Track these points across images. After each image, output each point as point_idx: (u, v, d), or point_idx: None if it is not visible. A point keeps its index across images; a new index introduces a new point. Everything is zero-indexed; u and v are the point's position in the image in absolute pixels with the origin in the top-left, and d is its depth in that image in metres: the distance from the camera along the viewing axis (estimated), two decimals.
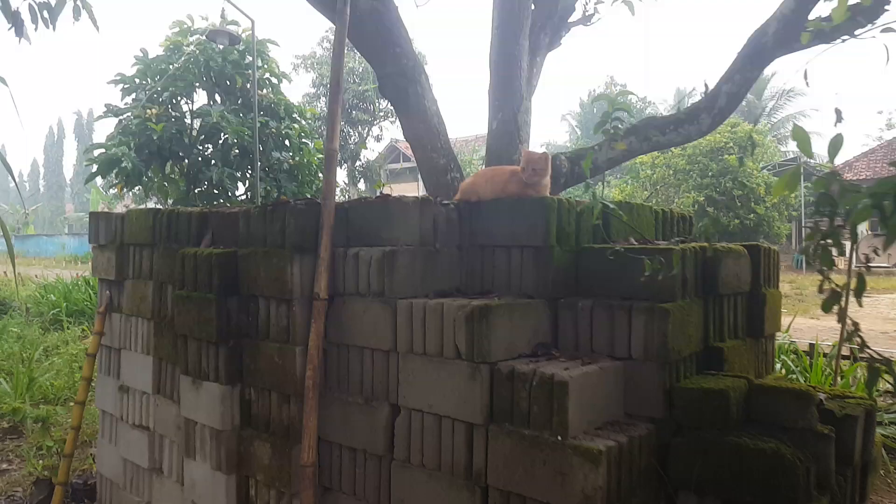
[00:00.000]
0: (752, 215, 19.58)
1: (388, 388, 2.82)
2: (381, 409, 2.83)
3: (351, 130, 27.17)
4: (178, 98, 9.26)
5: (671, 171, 19.25)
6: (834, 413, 2.83)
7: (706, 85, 4.07)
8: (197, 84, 9.31)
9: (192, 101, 9.71)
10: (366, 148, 27.61)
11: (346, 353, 2.99)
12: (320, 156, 9.69)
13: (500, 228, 2.96)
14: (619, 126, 3.50)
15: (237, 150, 9.36)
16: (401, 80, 5.45)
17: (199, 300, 3.28)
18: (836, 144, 2.01)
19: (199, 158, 8.99)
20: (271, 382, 3.12)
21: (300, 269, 2.99)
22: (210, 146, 9.38)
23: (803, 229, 26.79)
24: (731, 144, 18.66)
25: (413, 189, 30.41)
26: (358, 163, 27.93)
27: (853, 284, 1.97)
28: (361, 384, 2.92)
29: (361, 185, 30.60)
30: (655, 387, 2.63)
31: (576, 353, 2.76)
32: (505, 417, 2.49)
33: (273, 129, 9.33)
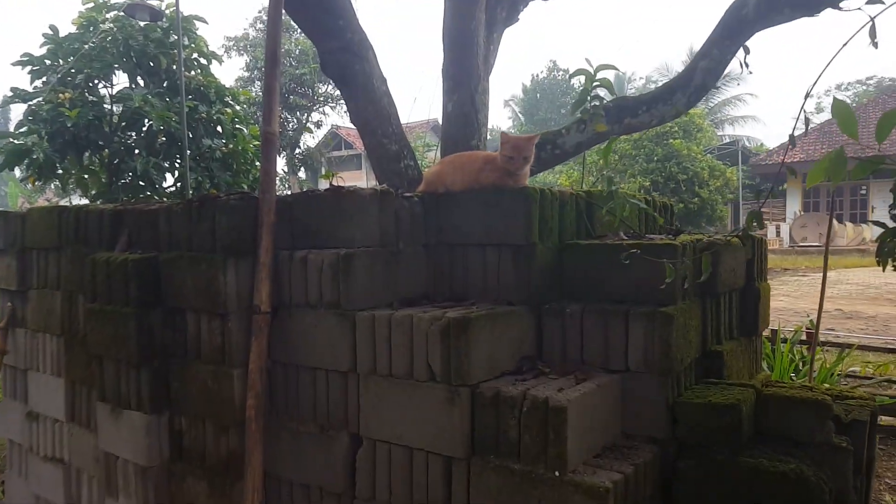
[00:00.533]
0: (695, 199, 19.84)
1: (347, 416, 2.38)
2: (339, 440, 2.39)
3: (289, 116, 26.15)
4: (96, 81, 8.43)
5: (617, 157, 19.28)
6: (840, 419, 2.55)
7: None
8: (116, 65, 8.49)
9: (112, 85, 8.88)
10: (310, 132, 26.57)
11: (296, 374, 2.53)
12: (256, 143, 9.02)
13: (474, 224, 2.55)
14: (599, 104, 3.14)
15: (164, 138, 8.60)
16: (345, 56, 4.94)
17: (114, 315, 2.75)
18: (889, 120, 1.71)
19: (121, 147, 8.21)
20: (205, 411, 2.63)
21: (235, 277, 2.51)
22: (133, 134, 8.60)
23: (741, 211, 27.45)
24: (676, 129, 18.82)
25: (358, 178, 29.62)
26: (297, 150, 26.95)
27: None
28: (315, 411, 2.47)
29: (302, 174, 29.62)
30: (657, 402, 2.29)
31: (564, 365, 2.38)
32: (490, 449, 2.09)
33: (203, 115, 8.61)
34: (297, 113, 26.26)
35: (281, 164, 29.14)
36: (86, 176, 8.35)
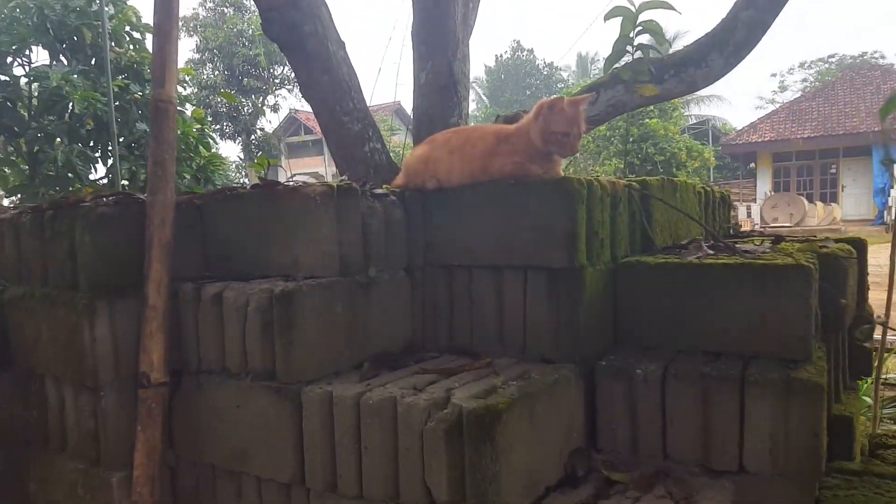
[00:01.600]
0: None
1: None
2: None
3: (243, 99, 24.70)
4: (10, 59, 7.22)
5: (590, 138, 18.49)
6: None
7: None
8: (31, 39, 7.28)
9: (29, 62, 7.66)
10: (264, 115, 25.13)
11: (212, 479, 1.62)
12: (199, 126, 7.90)
13: (484, 236, 1.66)
14: (644, 56, 2.27)
15: (91, 123, 7.46)
16: (293, 14, 3.96)
17: None
18: None
19: (39, 134, 7.06)
20: None
21: (110, 329, 1.57)
22: (54, 118, 7.44)
23: None
24: (652, 107, 18.08)
25: (318, 165, 28.24)
26: (253, 136, 25.53)
27: None
28: None
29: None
30: None
31: (637, 462, 1.52)
32: None
33: (137, 95, 7.48)
34: (252, 96, 24.87)
35: (236, 150, 27.77)
36: (6, 169, 7.20)
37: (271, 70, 24.80)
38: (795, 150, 25.45)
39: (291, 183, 1.91)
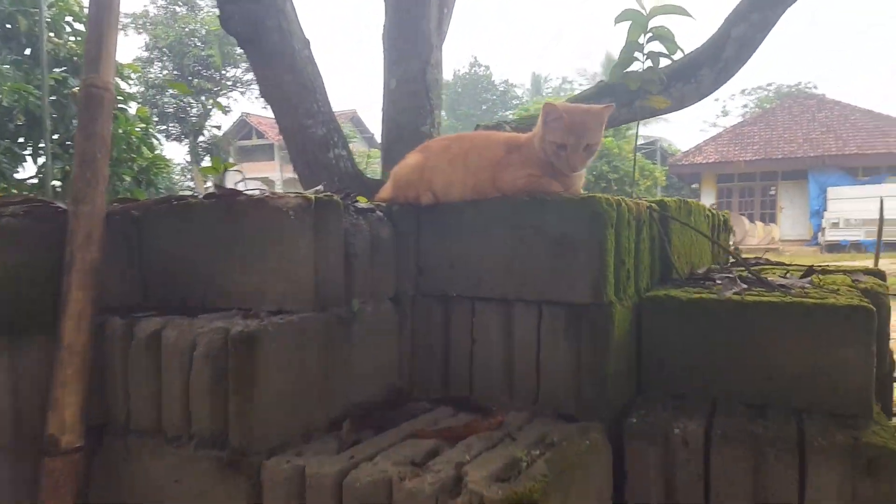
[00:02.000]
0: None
1: None
2: None
3: (193, 101, 23.81)
4: None
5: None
6: None
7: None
8: None
9: None
10: (221, 109, 24.25)
11: None
12: (143, 125, 7.43)
13: (491, 262, 1.38)
14: (655, 65, 2.04)
15: (22, 118, 6.91)
16: (254, 7, 3.63)
17: None
18: None
19: None
20: None
21: (10, 376, 1.22)
22: None
23: None
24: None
25: (271, 170, 27.41)
26: (202, 138, 24.64)
27: None
28: None
29: (208, 164, 27.21)
30: None
31: None
32: None
33: (75, 90, 6.93)
34: (203, 97, 24.05)
35: (182, 152, 26.86)
36: None
37: (224, 72, 24.08)
38: (738, 171, 26.12)
39: (245, 188, 1.60)
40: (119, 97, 7.62)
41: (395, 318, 1.46)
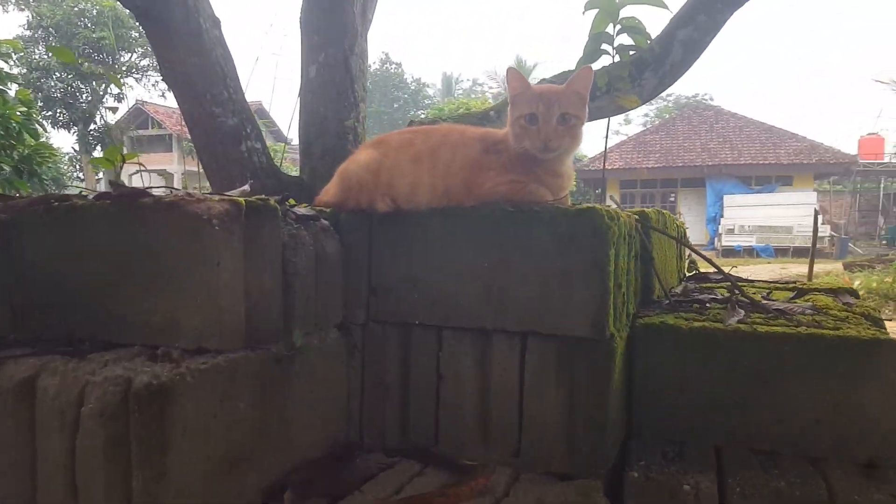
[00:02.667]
0: None
1: None
2: None
3: (83, 86, 22.06)
4: None
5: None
6: None
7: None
8: None
9: None
10: (118, 86, 22.52)
11: None
12: (24, 108, 6.65)
13: (464, 284, 1.14)
14: (623, 58, 1.87)
15: None
16: None
17: None
18: None
19: None
20: None
21: None
22: None
23: None
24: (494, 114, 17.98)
25: (168, 162, 25.75)
26: (93, 126, 22.87)
27: None
28: None
29: (98, 155, 25.32)
30: None
31: None
32: None
33: None
34: (94, 83, 22.36)
35: (71, 140, 24.99)
36: None
37: (118, 56, 22.50)
38: (640, 178, 27.18)
39: (143, 183, 1.29)
40: None
41: (344, 351, 1.19)
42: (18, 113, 6.92)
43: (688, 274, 2.25)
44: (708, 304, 1.40)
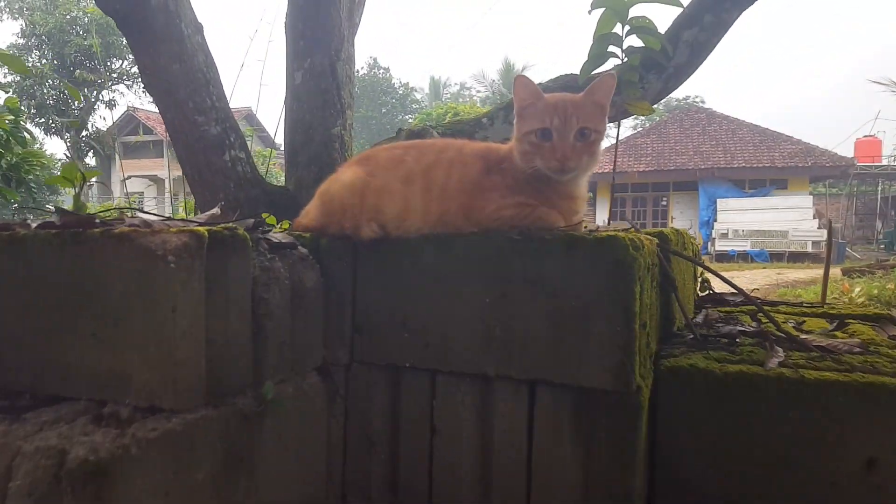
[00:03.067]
0: None
1: None
2: None
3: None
4: None
5: None
6: None
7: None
8: None
9: None
10: (112, 102, 22.25)
11: None
12: (10, 117, 6.48)
13: (462, 323, 0.99)
14: (632, 60, 1.73)
15: None
16: None
17: None
18: None
19: None
20: None
21: None
22: None
23: None
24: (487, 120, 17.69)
25: (159, 168, 25.50)
26: (84, 133, 22.61)
27: None
28: None
29: (91, 161, 25.05)
30: None
31: None
32: None
33: None
34: (85, 90, 22.15)
35: (63, 147, 24.83)
36: None
37: (108, 63, 22.29)
38: (631, 181, 27.14)
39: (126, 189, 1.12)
40: None
41: (323, 398, 1.04)
42: (7, 121, 6.74)
43: (700, 293, 2.10)
44: (738, 339, 1.25)
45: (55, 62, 22.44)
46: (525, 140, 1.00)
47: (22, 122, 7.18)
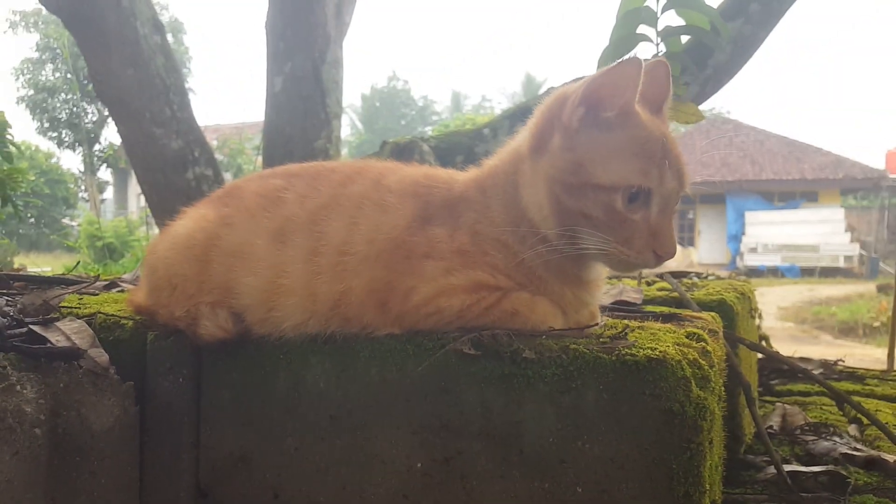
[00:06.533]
0: None
1: None
2: None
3: (87, 106, 21.73)
4: None
5: None
6: None
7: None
8: None
9: None
10: None
11: None
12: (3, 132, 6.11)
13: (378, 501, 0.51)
14: (674, 49, 1.26)
15: None
16: None
17: None
18: None
19: None
20: None
21: None
22: None
23: None
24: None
25: None
26: (98, 146, 22.56)
27: None
28: None
29: (106, 176, 24.98)
30: None
31: None
32: None
33: None
34: (99, 103, 22.13)
35: (76, 160, 24.96)
36: None
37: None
38: None
39: None
40: None
41: None
42: (8, 134, 6.41)
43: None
44: (846, 476, 0.76)
45: (68, 76, 22.56)
46: (580, 195, 0.53)
47: (9, 136, 6.85)
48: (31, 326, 0.61)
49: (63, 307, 0.71)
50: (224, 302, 0.58)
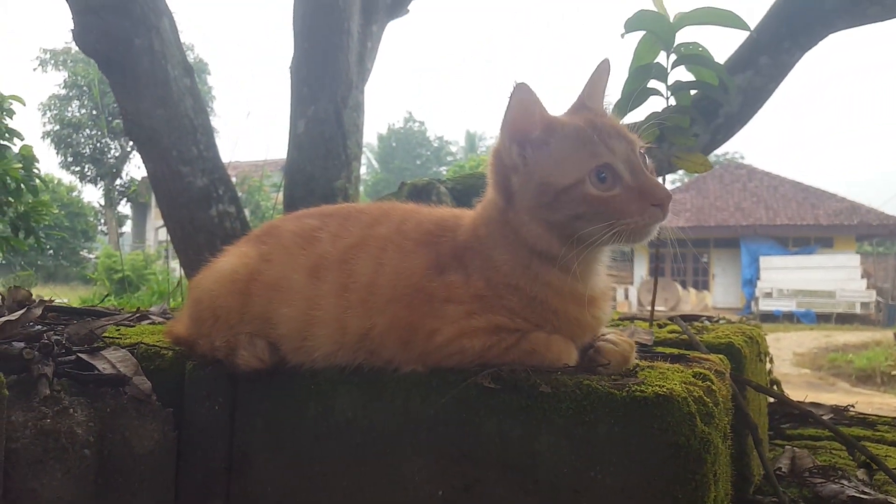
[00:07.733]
0: None
1: None
2: None
3: (110, 142, 22.25)
4: None
5: None
6: None
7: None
8: None
9: None
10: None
11: None
12: (17, 165, 6.30)
13: None
14: (683, 102, 1.31)
15: None
16: (120, 21, 2.84)
17: None
18: None
19: None
20: None
21: None
22: None
23: None
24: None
25: None
26: (119, 181, 22.99)
27: None
28: None
29: (125, 210, 25.37)
30: None
31: None
32: None
33: None
34: (122, 139, 22.64)
35: (97, 195, 25.41)
36: None
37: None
38: (670, 238, 26.43)
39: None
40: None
41: None
42: (19, 169, 6.58)
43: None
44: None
45: (93, 112, 23.14)
46: (560, 205, 0.58)
47: (35, 170, 7.04)
48: (79, 354, 0.65)
49: (105, 337, 0.76)
50: (262, 332, 0.63)
